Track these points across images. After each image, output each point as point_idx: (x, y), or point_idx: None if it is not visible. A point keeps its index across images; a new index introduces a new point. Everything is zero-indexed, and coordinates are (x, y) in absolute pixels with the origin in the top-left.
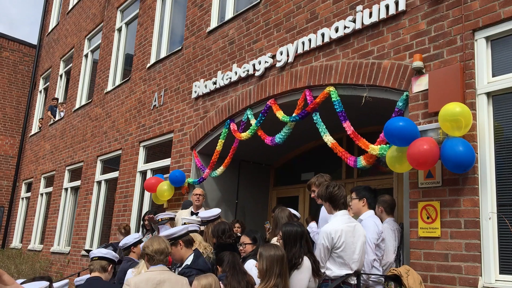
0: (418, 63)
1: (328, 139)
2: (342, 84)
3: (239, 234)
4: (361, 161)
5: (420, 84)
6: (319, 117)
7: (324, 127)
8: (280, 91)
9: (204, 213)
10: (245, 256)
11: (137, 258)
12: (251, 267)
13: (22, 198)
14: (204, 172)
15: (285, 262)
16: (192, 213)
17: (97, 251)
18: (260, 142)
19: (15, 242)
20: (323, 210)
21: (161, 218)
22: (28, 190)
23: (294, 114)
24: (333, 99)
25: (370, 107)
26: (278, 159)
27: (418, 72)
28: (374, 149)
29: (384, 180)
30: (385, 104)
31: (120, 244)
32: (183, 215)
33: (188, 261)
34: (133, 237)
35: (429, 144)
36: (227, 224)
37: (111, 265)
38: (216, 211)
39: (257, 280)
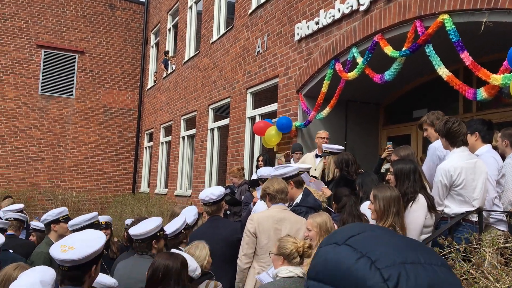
0: None
1: (443, 71)
2: (457, 10)
3: (362, 170)
4: (482, 93)
5: None
6: (432, 49)
7: (439, 59)
8: (387, 24)
9: (329, 145)
10: None
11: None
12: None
13: (146, 147)
14: (310, 115)
15: (401, 202)
16: (316, 156)
17: (208, 198)
18: (367, 81)
19: (143, 187)
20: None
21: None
22: (150, 140)
23: (404, 48)
24: (447, 28)
25: (491, 34)
26: (387, 97)
27: None
28: (496, 79)
29: (507, 112)
30: (508, 29)
31: (259, 174)
32: (308, 158)
33: (298, 199)
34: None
35: None
36: (352, 156)
37: (222, 202)
38: (341, 146)
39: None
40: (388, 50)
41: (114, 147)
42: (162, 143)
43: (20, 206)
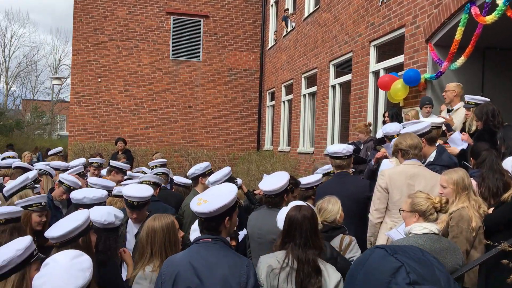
0: None
1: None
2: None
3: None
4: None
5: None
6: None
7: None
8: None
9: (474, 96)
10: None
11: None
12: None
13: (268, 106)
14: (441, 66)
15: None
16: (448, 110)
17: (345, 151)
18: (508, 24)
19: (267, 145)
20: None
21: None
22: (272, 99)
23: None
24: None
25: None
26: None
27: None
28: None
29: None
30: None
31: (384, 132)
32: (443, 114)
33: (431, 157)
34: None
35: None
36: (495, 106)
37: (352, 158)
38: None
39: None
40: None
41: (238, 107)
42: (284, 101)
43: (164, 160)
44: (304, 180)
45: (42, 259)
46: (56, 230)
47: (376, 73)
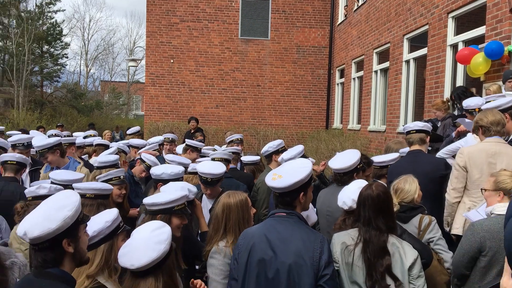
0: None
1: None
2: None
3: None
4: None
5: None
6: None
7: None
8: None
9: None
10: None
11: None
12: None
13: (337, 84)
14: None
15: None
16: None
17: (413, 125)
18: None
19: (336, 123)
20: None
21: None
22: (341, 76)
23: None
24: None
25: None
26: None
27: None
28: None
29: None
30: None
31: (465, 105)
32: None
33: None
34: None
35: None
36: None
37: (428, 136)
38: None
39: None
40: None
41: (307, 85)
42: (354, 78)
43: (240, 135)
44: (379, 159)
45: (128, 231)
46: (148, 198)
47: (455, 46)
